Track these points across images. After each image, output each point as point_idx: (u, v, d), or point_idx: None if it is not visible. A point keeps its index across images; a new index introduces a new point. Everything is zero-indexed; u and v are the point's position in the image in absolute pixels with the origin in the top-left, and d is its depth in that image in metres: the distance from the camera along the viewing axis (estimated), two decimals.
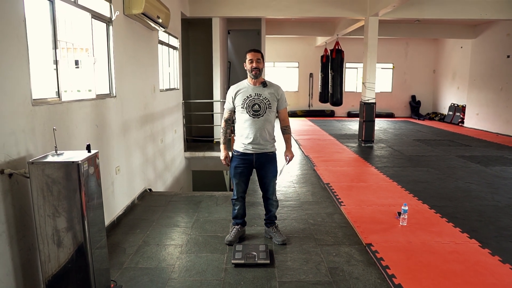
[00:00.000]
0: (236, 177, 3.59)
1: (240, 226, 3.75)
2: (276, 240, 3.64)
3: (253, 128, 3.43)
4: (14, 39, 2.41)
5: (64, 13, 3.19)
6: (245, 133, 3.47)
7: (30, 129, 2.58)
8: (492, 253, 3.47)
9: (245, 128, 3.47)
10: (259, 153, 3.50)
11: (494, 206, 4.80)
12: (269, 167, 3.56)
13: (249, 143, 3.47)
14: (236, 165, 3.57)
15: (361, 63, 10.37)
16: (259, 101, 3.42)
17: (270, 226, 3.76)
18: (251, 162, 3.53)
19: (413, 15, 9.36)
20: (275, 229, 3.73)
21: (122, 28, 4.44)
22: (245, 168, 3.55)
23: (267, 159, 3.54)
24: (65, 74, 3.20)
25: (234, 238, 3.65)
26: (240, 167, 3.55)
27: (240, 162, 3.54)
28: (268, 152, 3.53)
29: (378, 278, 3.05)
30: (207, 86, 10.39)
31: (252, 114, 3.43)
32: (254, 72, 3.41)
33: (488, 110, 12.35)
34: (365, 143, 9.38)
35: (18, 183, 2.43)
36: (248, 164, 3.54)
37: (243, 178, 3.60)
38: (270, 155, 3.56)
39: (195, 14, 8.97)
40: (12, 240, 2.38)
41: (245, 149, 3.50)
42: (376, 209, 4.60)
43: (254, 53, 3.42)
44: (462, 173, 6.51)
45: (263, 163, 3.53)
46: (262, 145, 3.49)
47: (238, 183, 3.61)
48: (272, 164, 3.58)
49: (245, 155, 3.52)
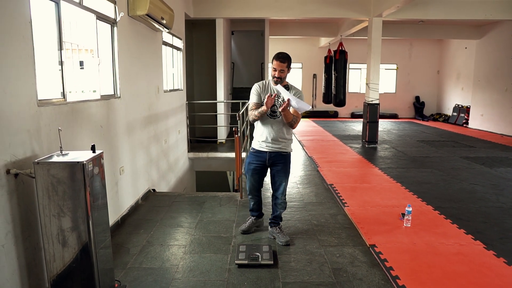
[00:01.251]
0: (249, 172, 3.71)
1: (256, 218, 3.93)
2: (280, 241, 3.66)
3: (269, 128, 3.53)
4: (21, 41, 2.43)
5: (69, 15, 3.21)
6: (261, 131, 3.57)
7: (36, 129, 2.60)
8: (497, 254, 3.46)
9: (262, 127, 3.56)
10: (273, 152, 3.58)
11: (499, 208, 4.77)
12: (281, 167, 3.61)
13: (263, 141, 3.57)
14: (250, 161, 3.69)
15: (364, 64, 10.37)
16: (278, 102, 3.49)
17: (274, 226, 3.78)
18: (265, 160, 3.61)
19: (417, 15, 9.34)
20: (278, 230, 3.75)
21: (127, 29, 4.46)
22: (259, 165, 3.65)
23: (280, 159, 3.60)
24: (70, 75, 3.22)
25: (247, 227, 3.87)
26: (254, 164, 3.66)
27: (254, 159, 3.66)
28: (282, 152, 3.59)
29: (382, 279, 3.04)
30: (210, 87, 10.41)
31: (270, 114, 3.51)
32: (275, 80, 3.48)
33: (493, 111, 12.30)
34: (368, 144, 9.37)
35: (24, 183, 2.45)
36: (261, 162, 3.63)
37: (256, 175, 3.70)
38: (284, 155, 3.61)
39: (199, 15, 8.99)
40: (18, 239, 2.40)
41: (260, 146, 3.61)
42: (380, 210, 4.59)
43: (279, 63, 3.43)
44: (467, 174, 6.49)
45: (276, 162, 3.60)
46: (276, 145, 3.56)
47: (250, 179, 3.73)
48: (285, 164, 3.63)
49: (260, 153, 3.62)
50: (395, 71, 16.96)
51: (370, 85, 9.29)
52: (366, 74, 9.67)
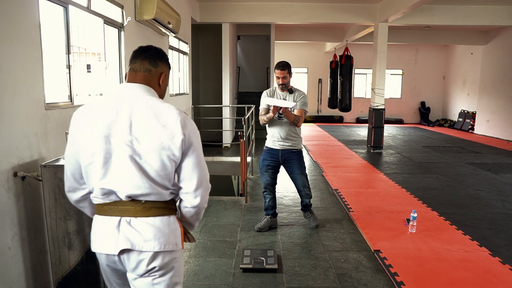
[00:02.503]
0: (263, 169, 4.08)
1: (271, 217, 4.16)
2: (310, 224, 4.20)
3: (278, 128, 3.94)
4: (29, 44, 2.46)
5: (77, 19, 3.25)
6: (273, 131, 3.99)
7: (43, 132, 2.62)
8: (503, 261, 3.43)
9: (273, 127, 3.98)
10: (284, 150, 3.97)
11: (505, 214, 4.74)
12: (294, 163, 4.01)
13: (275, 140, 3.98)
14: (264, 158, 4.08)
15: (370, 69, 10.35)
16: None
17: (305, 211, 4.26)
18: (278, 157, 4.00)
19: (423, 21, 9.34)
20: (309, 214, 4.24)
21: (134, 33, 4.50)
22: (272, 161, 4.03)
23: (291, 156, 3.99)
24: (77, 78, 3.25)
25: (263, 226, 4.11)
26: (267, 160, 4.04)
27: (268, 155, 4.05)
28: (293, 149, 3.98)
29: (387, 285, 3.03)
30: (216, 91, 10.45)
31: (278, 116, 3.89)
32: (281, 86, 3.92)
33: (499, 117, 12.22)
34: (374, 149, 9.34)
35: (31, 185, 2.47)
36: (274, 158, 4.02)
37: (270, 171, 4.05)
38: (295, 152, 4.00)
39: (205, 19, 9.04)
40: (24, 242, 2.42)
41: (273, 144, 4.01)
42: (385, 216, 4.57)
43: (280, 71, 3.86)
44: (472, 180, 6.45)
45: (288, 159, 4.00)
46: (287, 142, 3.95)
47: (264, 174, 4.08)
48: (297, 160, 4.01)
49: (272, 150, 4.02)
50: (401, 77, 16.93)
51: (375, 90, 9.28)
52: (371, 79, 9.67)
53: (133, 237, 1.51)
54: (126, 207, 1.52)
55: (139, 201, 1.52)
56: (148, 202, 1.53)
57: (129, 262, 1.54)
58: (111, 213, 1.53)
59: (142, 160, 1.50)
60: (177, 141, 1.51)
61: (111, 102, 1.55)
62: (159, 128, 1.50)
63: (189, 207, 1.63)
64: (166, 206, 1.58)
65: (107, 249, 1.54)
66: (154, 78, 1.63)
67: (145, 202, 1.53)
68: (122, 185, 1.50)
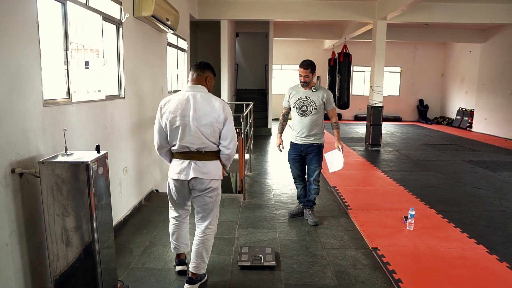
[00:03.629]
0: (290, 161, 4.38)
1: (303, 204, 4.45)
2: (309, 221, 4.26)
3: (301, 125, 4.17)
4: (28, 41, 2.45)
5: (76, 15, 3.23)
6: (295, 127, 4.23)
7: (41, 129, 2.61)
8: (500, 259, 3.44)
9: (296, 123, 4.22)
10: (306, 144, 4.19)
11: (503, 212, 4.76)
12: (313, 156, 4.20)
13: (298, 136, 4.22)
14: (290, 152, 4.36)
15: (368, 66, 10.36)
16: (307, 103, 4.13)
17: (307, 208, 4.37)
18: (300, 151, 4.24)
19: (421, 19, 9.33)
20: (310, 212, 4.33)
21: (132, 30, 4.48)
22: (296, 155, 4.29)
23: (312, 149, 4.20)
24: (75, 75, 3.23)
25: (295, 212, 4.47)
26: (292, 154, 4.33)
27: (292, 150, 4.33)
28: (313, 143, 4.19)
29: (384, 282, 3.04)
30: (214, 88, 10.34)
31: (300, 114, 4.15)
32: (302, 84, 4.15)
33: (497, 115, 12.25)
34: (372, 147, 9.35)
35: (29, 182, 2.46)
36: (298, 152, 4.27)
37: (296, 163, 4.33)
38: (315, 145, 4.20)
39: (204, 16, 9.01)
40: (22, 238, 2.41)
41: (296, 140, 4.26)
42: (383, 213, 4.58)
43: (304, 70, 4.08)
44: (470, 178, 6.47)
45: (309, 152, 4.21)
46: (308, 138, 4.17)
47: (292, 167, 4.38)
48: (317, 154, 4.21)
49: (296, 145, 4.27)
50: (399, 74, 16.94)
51: (374, 88, 9.28)
52: (370, 77, 9.67)
53: (198, 171, 2.70)
54: (194, 154, 2.71)
55: (201, 151, 2.70)
56: (206, 152, 2.72)
57: (196, 184, 2.73)
58: (186, 158, 2.72)
59: (202, 129, 2.65)
60: (221, 118, 2.68)
61: (183, 95, 2.69)
62: (210, 110, 2.65)
63: (224, 154, 2.79)
64: (215, 154, 2.77)
65: (183, 177, 2.71)
66: (203, 80, 2.78)
67: (204, 152, 2.71)
68: (192, 143, 2.67)
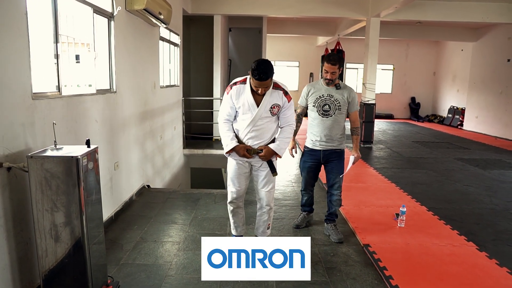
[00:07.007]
0: (304, 171, 3.84)
1: (307, 213, 4.06)
2: (333, 238, 3.73)
3: (321, 127, 3.60)
4: (16, 32, 2.40)
5: (66, 7, 3.18)
6: (314, 130, 3.66)
7: (30, 123, 2.57)
8: (490, 256, 3.47)
9: (315, 126, 3.65)
10: (327, 150, 3.66)
11: (492, 210, 4.80)
12: (335, 164, 3.69)
13: (317, 140, 3.65)
14: (305, 159, 3.81)
15: (361, 63, 10.36)
16: (330, 102, 3.57)
17: (329, 223, 3.85)
18: (319, 158, 3.70)
19: (414, 17, 9.36)
20: (333, 227, 3.81)
21: (124, 23, 4.43)
22: (313, 163, 3.76)
23: (334, 156, 3.67)
24: (65, 68, 3.18)
25: (300, 222, 4.02)
26: (309, 162, 3.77)
27: (309, 157, 3.76)
28: (336, 149, 3.67)
29: (375, 279, 3.05)
30: (207, 84, 10.36)
31: (322, 114, 3.59)
32: (327, 81, 3.57)
33: (488, 113, 12.36)
34: (364, 144, 9.38)
35: (17, 177, 2.42)
36: (316, 160, 3.73)
37: (311, 173, 3.82)
38: (338, 152, 3.69)
39: (196, 11, 8.94)
40: (10, 234, 2.38)
41: (314, 145, 3.70)
42: (374, 210, 4.60)
43: (331, 65, 3.47)
44: (461, 175, 6.52)
45: (330, 159, 3.68)
46: (329, 143, 3.63)
47: (305, 176, 3.85)
48: (339, 161, 3.69)
49: (314, 151, 3.71)
50: (392, 72, 17.00)
51: (366, 85, 9.30)
52: (363, 74, 9.68)
53: None
54: None
55: None
56: None
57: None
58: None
59: None
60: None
61: None
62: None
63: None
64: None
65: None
66: None
67: None
68: None
